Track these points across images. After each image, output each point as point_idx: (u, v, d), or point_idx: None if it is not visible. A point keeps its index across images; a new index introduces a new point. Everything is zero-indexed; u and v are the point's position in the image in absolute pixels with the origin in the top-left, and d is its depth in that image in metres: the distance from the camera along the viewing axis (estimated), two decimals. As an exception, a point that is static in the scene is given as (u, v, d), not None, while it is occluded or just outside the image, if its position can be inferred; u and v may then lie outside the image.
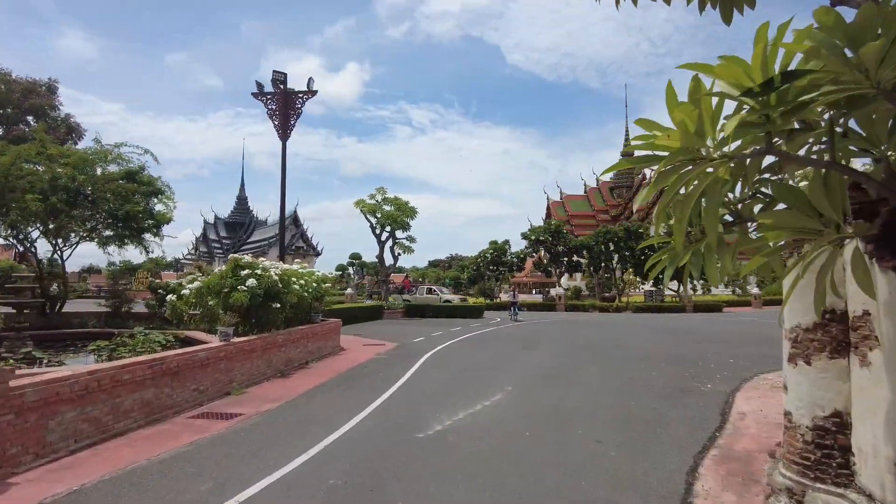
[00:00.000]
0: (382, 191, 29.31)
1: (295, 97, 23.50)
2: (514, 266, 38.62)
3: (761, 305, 39.96)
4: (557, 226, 37.39)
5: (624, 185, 79.96)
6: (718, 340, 16.29)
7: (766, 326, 22.13)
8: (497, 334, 18.58)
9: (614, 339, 16.82)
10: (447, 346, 14.84)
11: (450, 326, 21.52)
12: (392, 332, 19.34)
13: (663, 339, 16.57)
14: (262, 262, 11.43)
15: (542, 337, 17.42)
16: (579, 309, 35.48)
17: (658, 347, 14.52)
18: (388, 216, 28.00)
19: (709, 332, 18.99)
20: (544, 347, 14.58)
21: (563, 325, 22.50)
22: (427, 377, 10.01)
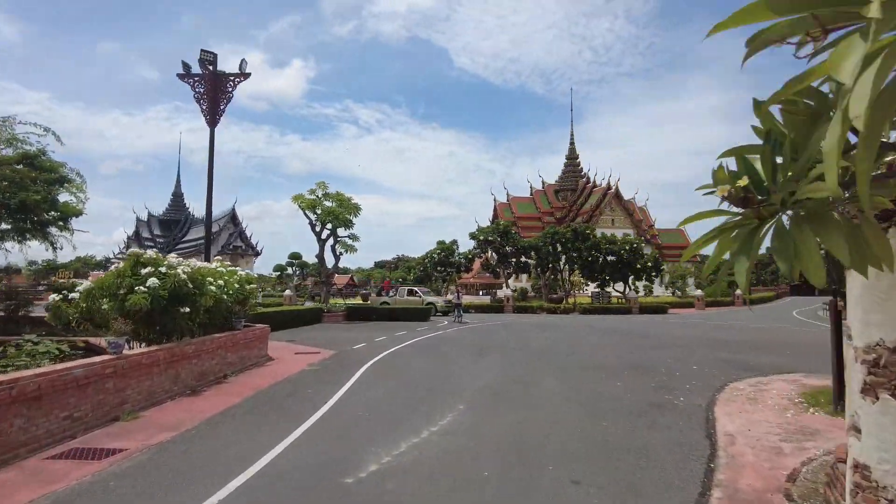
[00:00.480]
0: (323, 185, 27.46)
1: (225, 80, 21.45)
2: (462, 267, 37.56)
3: (704, 307, 40.64)
4: (506, 226, 36.59)
5: (569, 188, 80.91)
6: (675, 345, 15.63)
7: (716, 329, 21.91)
8: (445, 339, 17.29)
9: (568, 343, 15.89)
10: (390, 354, 13.41)
11: (395, 331, 20.07)
12: (331, 337, 17.70)
13: (618, 344, 15.76)
14: (169, 260, 9.65)
15: (493, 342, 16.27)
16: (527, 310, 34.77)
17: (616, 353, 13.63)
18: (328, 212, 26.18)
19: (662, 336, 18.42)
20: (496, 354, 13.40)
21: (513, 328, 21.50)
22: (365, 394, 8.56)
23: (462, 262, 37.11)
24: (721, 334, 19.27)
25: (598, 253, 35.81)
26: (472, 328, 21.77)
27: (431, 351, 14.12)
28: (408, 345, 15.49)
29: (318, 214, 26.65)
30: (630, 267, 35.70)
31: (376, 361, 12.15)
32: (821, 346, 15.78)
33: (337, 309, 26.22)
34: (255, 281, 12.94)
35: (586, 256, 35.50)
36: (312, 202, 26.79)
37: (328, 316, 25.47)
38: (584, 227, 36.46)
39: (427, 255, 36.89)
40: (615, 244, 35.81)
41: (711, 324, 25.27)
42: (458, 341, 16.55)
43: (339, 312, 26.09)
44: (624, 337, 17.82)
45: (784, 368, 11.47)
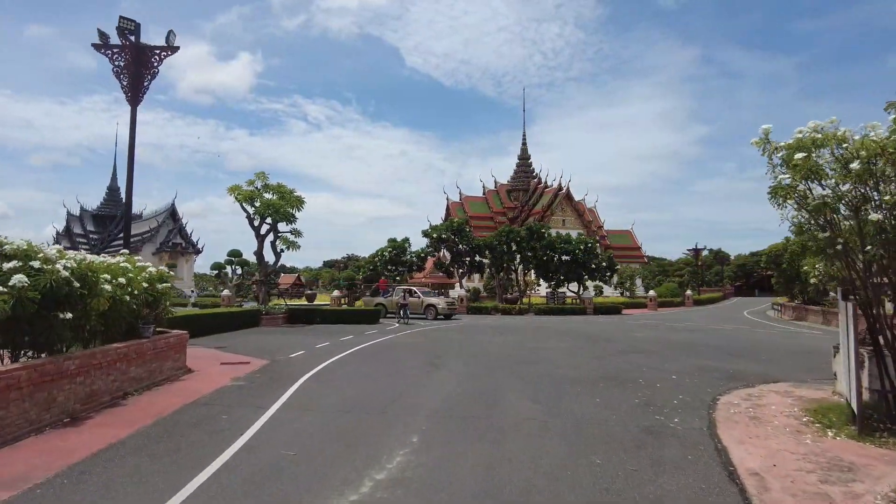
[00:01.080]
0: (263, 176, 25.23)
1: (150, 53, 19.04)
2: (414, 266, 35.94)
3: (657, 307, 40.57)
4: (460, 223, 35.23)
5: (521, 189, 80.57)
6: (643, 350, 14.56)
7: (678, 331, 21.18)
8: (395, 345, 15.64)
9: (530, 348, 14.56)
10: (332, 364, 11.65)
11: (340, 335, 18.25)
12: (267, 344, 15.74)
13: (584, 349, 14.55)
14: (46, 252, 7.60)
15: (448, 348, 14.75)
16: (482, 311, 33.50)
17: (584, 360, 12.37)
18: (268, 205, 23.98)
19: (626, 339, 17.40)
20: (453, 363, 11.87)
21: (469, 331, 20.07)
22: (293, 423, 6.83)
23: (414, 261, 35.47)
24: (686, 337, 18.47)
25: (552, 252, 34.95)
26: (425, 331, 20.19)
27: (380, 360, 12.45)
28: (353, 352, 13.75)
29: (257, 207, 24.43)
30: (584, 267, 35.04)
31: (314, 374, 10.39)
32: (791, 349, 15.17)
33: (277, 311, 24.08)
34: (171, 279, 10.92)
35: (541, 256, 34.57)
36: (250, 194, 24.55)
37: (267, 318, 23.32)
38: (539, 226, 35.56)
39: (377, 254, 35.02)
40: (570, 244, 35.06)
41: (669, 325, 24.67)
42: (410, 347, 14.94)
43: (280, 315, 23.96)
44: (588, 341, 16.68)
45: (768, 377, 10.48)
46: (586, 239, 35.13)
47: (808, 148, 6.64)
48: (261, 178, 25.36)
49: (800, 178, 6.60)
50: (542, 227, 35.52)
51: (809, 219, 7.08)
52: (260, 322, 23.23)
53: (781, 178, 6.88)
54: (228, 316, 20.92)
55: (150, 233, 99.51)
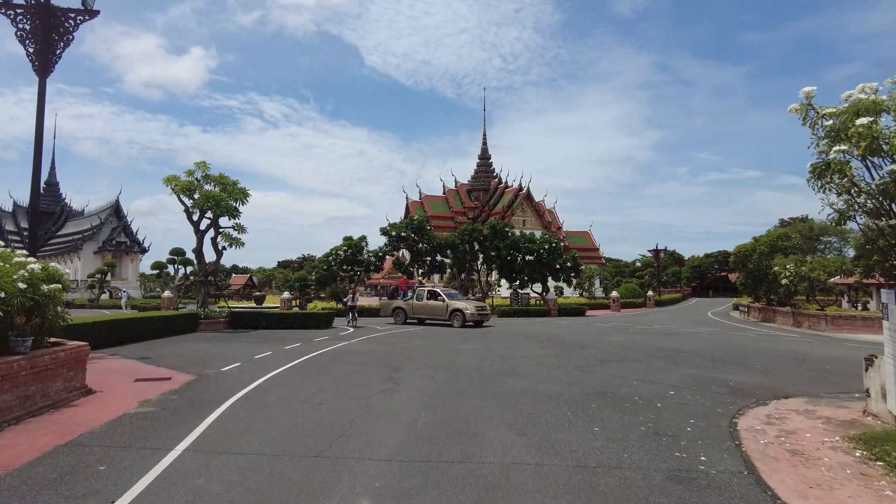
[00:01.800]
0: (203, 166, 22.81)
1: (63, 16, 16.49)
2: (372, 266, 33.95)
3: (619, 308, 39.86)
4: (420, 221, 33.43)
5: (481, 189, 79.69)
6: (624, 357, 13.19)
7: (651, 335, 20.02)
8: (348, 355, 13.76)
9: (501, 357, 12.96)
10: (269, 381, 9.72)
11: (285, 342, 16.23)
12: (200, 353, 13.61)
13: (560, 357, 13.05)
14: None
15: (410, 358, 12.98)
16: (443, 314, 31.86)
17: (565, 372, 10.84)
18: (207, 198, 21.59)
19: (602, 345, 16.05)
20: (415, 378, 10.13)
21: (432, 337, 18.34)
22: (194, 477, 4.91)
23: (372, 261, 33.48)
24: (662, 341, 17.29)
25: (516, 252, 33.62)
26: (383, 338, 18.35)
27: (328, 374, 10.56)
28: (297, 364, 11.81)
29: (196, 200, 22.02)
30: (548, 267, 33.86)
31: (244, 396, 8.44)
32: (780, 356, 13.96)
33: (217, 315, 21.74)
34: (62, 278, 8.75)
35: (505, 256, 33.19)
36: (188, 185, 22.10)
37: (206, 323, 20.97)
38: (503, 225, 34.20)
39: (331, 253, 32.79)
40: (534, 243, 33.81)
41: (640, 328, 23.62)
42: (364, 358, 13.09)
43: (220, 319, 21.63)
44: (562, 348, 15.22)
45: (776, 391, 9.19)
46: (550, 239, 33.99)
47: (871, 111, 5.21)
48: (201, 168, 22.95)
49: (864, 150, 5.14)
50: (507, 226, 34.17)
51: (866, 201, 5.64)
52: (198, 327, 20.88)
53: (834, 150, 5.42)
54: (160, 321, 18.53)
55: (91, 230, 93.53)
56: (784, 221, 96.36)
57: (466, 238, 33.62)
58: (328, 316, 22.52)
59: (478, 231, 33.79)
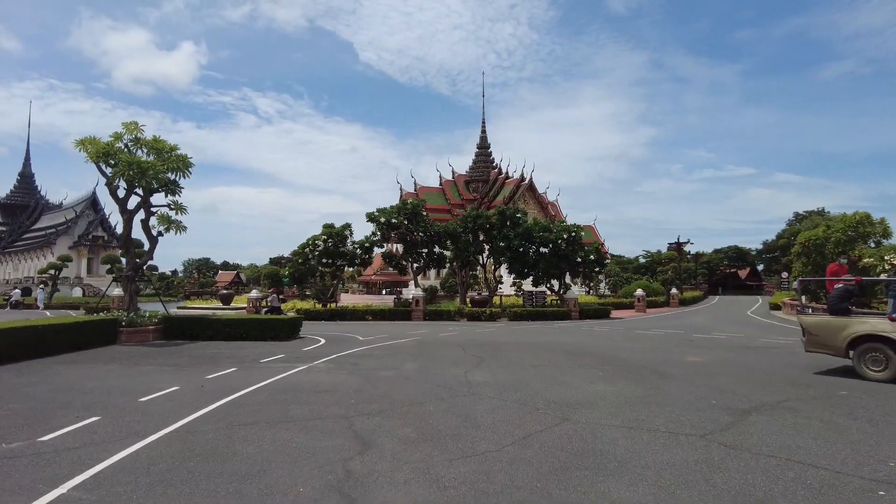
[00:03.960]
0: (134, 127, 17.39)
1: None
2: (358, 258, 28.57)
3: (645, 308, 34.58)
4: (415, 206, 28.04)
5: (480, 179, 74.39)
6: (762, 405, 7.80)
7: (733, 349, 14.54)
8: (292, 394, 8.35)
9: (548, 405, 7.59)
10: (118, 468, 4.34)
11: (215, 365, 10.91)
12: (60, 391, 8.21)
13: (651, 406, 7.65)
14: None
15: (390, 404, 7.60)
16: (443, 316, 26.47)
17: (697, 461, 5.44)
18: (130, 165, 16.15)
19: (689, 371, 10.66)
20: (394, 475, 4.76)
21: (428, 356, 12.98)
22: None
23: (357, 253, 28.07)
24: (780, 363, 11.97)
25: (529, 243, 28.29)
26: (359, 357, 13.00)
27: (220, 461, 5.18)
28: (191, 424, 6.41)
29: (116, 168, 16.57)
30: (567, 260, 28.52)
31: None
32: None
33: (145, 321, 16.32)
34: None
35: (517, 246, 27.82)
36: (107, 148, 16.65)
37: (129, 332, 15.59)
38: (514, 210, 28.82)
39: (308, 243, 27.32)
40: (550, 232, 28.46)
41: (700, 336, 18.32)
42: (315, 405, 7.68)
43: (149, 327, 16.23)
44: (635, 379, 9.86)
45: None
46: (570, 227, 28.65)
47: None
48: (130, 129, 17.53)
49: None
50: (517, 212, 28.79)
51: None
52: (118, 338, 15.51)
53: None
54: (52, 331, 13.11)
55: (66, 224, 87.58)
56: (799, 215, 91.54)
57: (470, 225, 28.22)
58: (292, 323, 17.08)
59: (483, 217, 28.39)
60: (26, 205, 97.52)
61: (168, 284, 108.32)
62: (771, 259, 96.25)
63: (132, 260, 17.89)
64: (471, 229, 28.41)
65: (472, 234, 28.65)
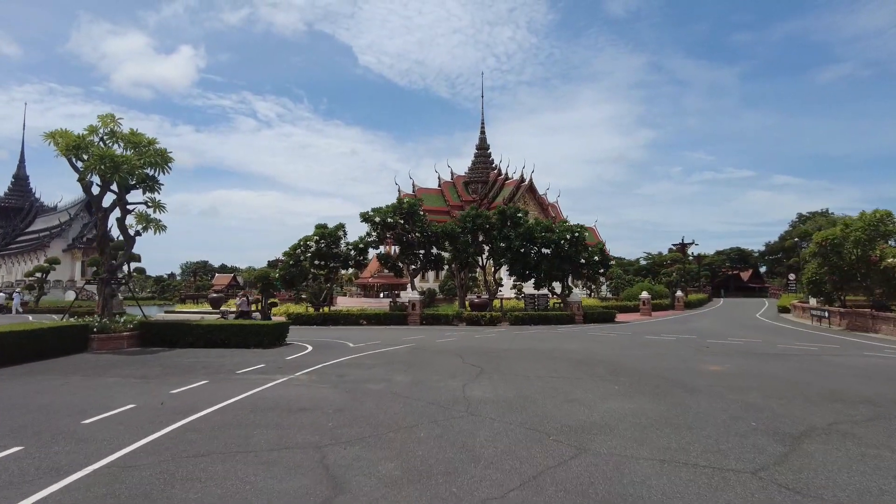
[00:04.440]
0: (109, 119, 16.25)
1: None
2: (352, 260, 27.43)
3: (650, 311, 33.43)
4: (412, 205, 26.90)
5: (479, 181, 73.26)
6: (806, 426, 6.65)
7: (753, 355, 13.36)
8: (262, 414, 7.20)
9: (560, 430, 6.46)
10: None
11: (190, 376, 9.76)
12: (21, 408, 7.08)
13: (681, 431, 6.50)
14: None
15: (372, 428, 6.46)
16: (441, 321, 25.32)
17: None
18: (102, 158, 15.00)
19: (715, 383, 9.51)
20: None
21: (418, 363, 11.85)
22: None
23: (352, 255, 26.92)
24: (809, 376, 10.84)
25: (531, 244, 27.16)
26: (347, 368, 11.87)
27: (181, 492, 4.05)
28: (153, 443, 5.28)
29: (87, 162, 15.42)
30: (570, 261, 27.38)
31: None
32: None
33: (119, 328, 15.17)
34: None
35: (518, 247, 26.69)
36: (77, 142, 15.50)
37: (101, 339, 14.44)
38: (514, 210, 27.68)
39: (300, 244, 26.18)
40: (553, 232, 27.33)
41: (714, 342, 17.18)
42: (286, 428, 6.52)
43: (124, 333, 15.09)
44: (657, 394, 8.73)
45: None
46: (573, 227, 27.52)
47: None
48: (106, 122, 16.38)
49: None
50: (518, 211, 27.65)
51: None
52: (89, 345, 14.38)
53: None
54: (11, 339, 11.95)
55: (60, 227, 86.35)
56: (803, 216, 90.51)
57: (469, 225, 27.07)
58: (277, 329, 15.91)
59: (483, 216, 27.24)
60: (20, 207, 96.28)
61: (164, 287, 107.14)
62: (773, 261, 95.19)
63: (107, 261, 16.73)
64: (470, 229, 27.28)
65: (471, 234, 27.52)
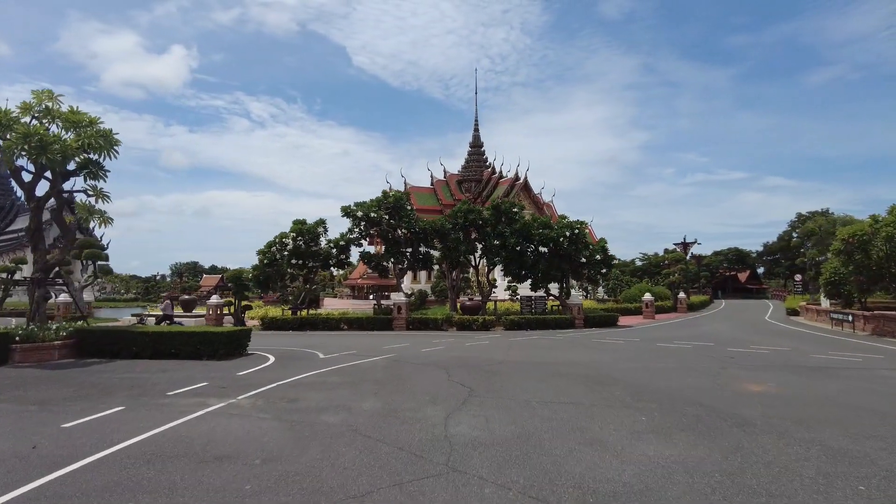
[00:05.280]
0: (47, 96, 14.09)
1: None
2: (333, 259, 25.25)
3: (654, 314, 31.44)
4: (398, 198, 24.76)
5: (473, 179, 71.23)
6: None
7: (798, 371, 11.28)
8: (169, 460, 5.08)
9: (553, 484, 4.43)
10: None
11: (101, 401, 7.60)
12: None
13: (717, 488, 4.48)
14: None
15: (307, 496, 4.37)
16: (429, 325, 23.18)
17: None
18: (26, 137, 12.82)
19: (776, 418, 7.46)
20: None
21: (394, 386, 9.75)
22: None
23: (333, 253, 24.72)
24: (875, 400, 8.83)
25: (527, 242, 25.10)
26: (306, 388, 9.77)
27: None
28: None
29: (12, 139, 13.19)
30: (569, 260, 25.33)
31: None
32: None
33: (50, 336, 12.98)
34: None
35: (513, 245, 24.60)
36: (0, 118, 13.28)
37: (25, 350, 12.29)
38: (509, 205, 25.62)
39: (275, 242, 23.94)
40: (551, 229, 25.28)
41: (737, 350, 15.17)
42: (188, 499, 4.44)
43: (57, 342, 12.92)
44: (699, 430, 6.69)
45: None
46: (573, 223, 25.48)
47: None
48: (41, 98, 14.22)
49: None
50: (513, 206, 25.60)
51: None
52: (10, 357, 12.22)
53: None
54: None
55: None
56: (802, 216, 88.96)
57: (460, 222, 24.96)
58: (235, 338, 13.70)
59: (476, 212, 25.14)
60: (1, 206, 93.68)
61: (148, 289, 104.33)
62: (772, 262, 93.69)
63: (41, 259, 14.54)
64: (461, 226, 25.17)
65: (462, 231, 25.41)
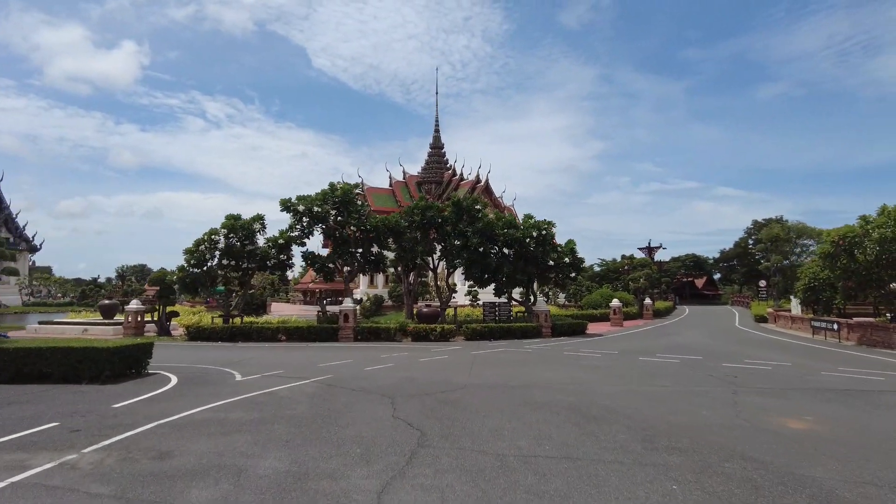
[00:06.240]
0: None
1: None
2: (273, 260, 22.29)
3: (622, 321, 29.70)
4: (346, 192, 22.02)
5: (433, 181, 68.96)
6: None
7: (830, 399, 9.29)
8: None
9: None
10: None
11: None
12: None
13: None
14: None
15: None
16: (381, 336, 20.49)
17: None
18: None
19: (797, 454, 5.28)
20: None
21: (316, 430, 7.21)
22: None
23: (271, 253, 21.74)
24: None
25: (491, 243, 22.86)
26: (185, 442, 7.07)
27: None
28: None
29: None
30: (536, 263, 23.23)
31: None
32: None
33: None
34: None
35: (475, 246, 22.27)
36: None
37: None
38: (472, 201, 23.33)
39: (204, 240, 20.79)
40: (517, 229, 23.11)
41: (732, 367, 13.27)
42: None
43: None
44: None
45: None
46: (540, 223, 23.41)
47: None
48: None
49: None
50: (476, 202, 23.29)
51: None
52: None
53: None
54: None
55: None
56: (758, 223, 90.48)
57: (418, 219, 22.44)
58: (125, 353, 10.77)
59: (434, 209, 22.70)
60: None
61: (84, 293, 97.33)
62: (728, 268, 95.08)
63: None
64: (419, 224, 22.68)
65: (420, 230, 22.93)
